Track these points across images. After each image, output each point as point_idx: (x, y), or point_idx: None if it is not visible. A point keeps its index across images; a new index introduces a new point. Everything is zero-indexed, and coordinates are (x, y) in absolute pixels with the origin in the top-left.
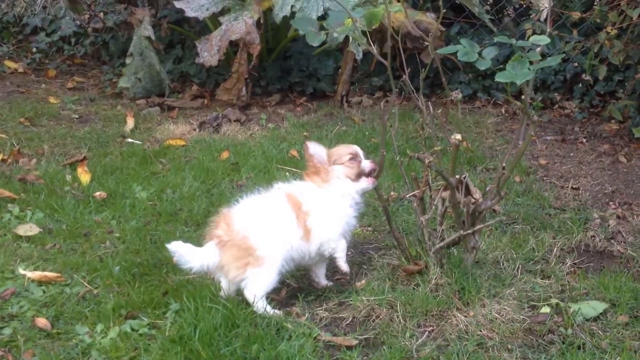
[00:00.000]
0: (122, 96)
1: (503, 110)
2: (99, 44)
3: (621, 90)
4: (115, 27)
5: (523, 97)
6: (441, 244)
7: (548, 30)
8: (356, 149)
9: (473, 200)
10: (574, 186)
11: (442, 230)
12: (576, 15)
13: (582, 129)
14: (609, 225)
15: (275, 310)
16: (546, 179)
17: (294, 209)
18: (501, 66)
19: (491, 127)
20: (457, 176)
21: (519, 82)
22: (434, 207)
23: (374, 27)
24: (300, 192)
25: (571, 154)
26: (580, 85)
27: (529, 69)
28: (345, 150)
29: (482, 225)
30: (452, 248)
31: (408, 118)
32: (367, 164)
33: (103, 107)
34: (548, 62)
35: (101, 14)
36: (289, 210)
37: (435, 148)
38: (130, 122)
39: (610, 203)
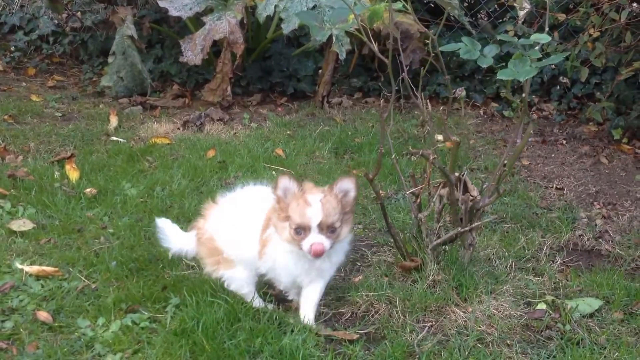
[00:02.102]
0: (103, 95)
1: (482, 112)
2: (77, 43)
3: (599, 93)
4: (94, 26)
5: (523, 94)
6: (438, 240)
7: (546, 29)
8: (314, 221)
9: (471, 197)
10: (558, 186)
11: (440, 227)
12: (561, 17)
13: (561, 131)
14: (596, 225)
15: (268, 305)
16: (530, 179)
17: (265, 223)
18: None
19: (472, 128)
20: (457, 173)
21: (522, 79)
22: (432, 204)
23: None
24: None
25: (552, 155)
26: (558, 87)
27: (530, 66)
28: (298, 214)
29: (479, 223)
30: (446, 245)
31: (389, 119)
32: (307, 246)
33: (85, 106)
34: (551, 60)
35: (78, 14)
36: (259, 221)
37: (438, 145)
38: (114, 121)
39: (595, 203)
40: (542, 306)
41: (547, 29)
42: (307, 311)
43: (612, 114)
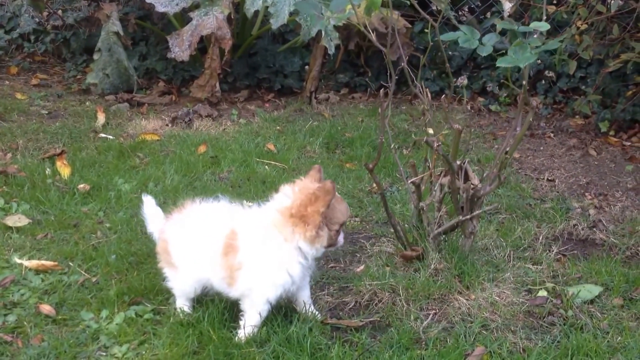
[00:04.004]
0: (89, 92)
1: (469, 107)
2: (59, 42)
3: (584, 87)
4: (76, 24)
5: (524, 82)
6: (440, 229)
7: (544, 17)
8: (347, 215)
9: (472, 185)
10: (549, 178)
11: (440, 216)
12: (551, 9)
13: (548, 124)
14: (589, 215)
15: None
16: (521, 171)
17: (226, 246)
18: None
19: (460, 123)
20: (458, 162)
21: (522, 65)
22: (434, 192)
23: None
24: (245, 233)
25: (541, 148)
26: (543, 81)
27: (530, 53)
28: (341, 214)
29: (480, 211)
30: (446, 234)
31: (378, 114)
32: (341, 241)
33: (71, 103)
34: (549, 46)
35: (59, 12)
36: (218, 246)
37: (443, 132)
38: (101, 118)
39: (586, 194)
40: (542, 293)
41: (544, 17)
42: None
43: (598, 107)
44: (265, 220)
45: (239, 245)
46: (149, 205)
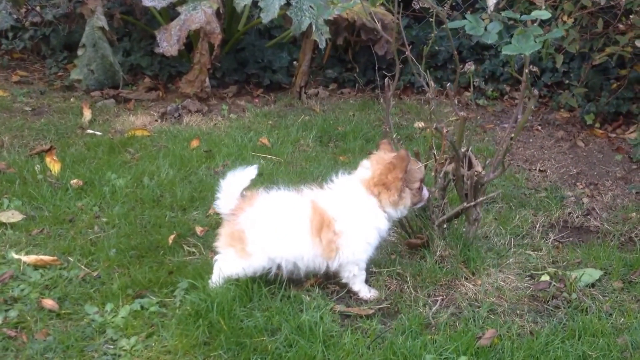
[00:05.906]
0: (73, 88)
1: (456, 101)
2: (38, 38)
3: (567, 81)
4: (56, 20)
5: (526, 70)
6: (444, 217)
7: (543, 7)
8: (423, 172)
9: (476, 172)
10: (541, 169)
11: (445, 203)
12: (539, 3)
13: (535, 117)
14: (583, 203)
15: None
16: (513, 162)
17: (316, 224)
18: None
19: (449, 116)
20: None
21: (527, 52)
22: (439, 180)
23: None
24: (333, 207)
25: (530, 140)
26: (529, 76)
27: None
28: (418, 174)
29: (484, 198)
30: (450, 221)
31: (368, 108)
32: (426, 194)
33: (55, 100)
34: (553, 34)
35: (38, 8)
36: (305, 226)
37: (451, 118)
38: (87, 114)
39: (578, 184)
40: (545, 278)
41: (543, 7)
42: None
43: (582, 100)
44: (351, 191)
45: (333, 218)
46: (234, 184)
